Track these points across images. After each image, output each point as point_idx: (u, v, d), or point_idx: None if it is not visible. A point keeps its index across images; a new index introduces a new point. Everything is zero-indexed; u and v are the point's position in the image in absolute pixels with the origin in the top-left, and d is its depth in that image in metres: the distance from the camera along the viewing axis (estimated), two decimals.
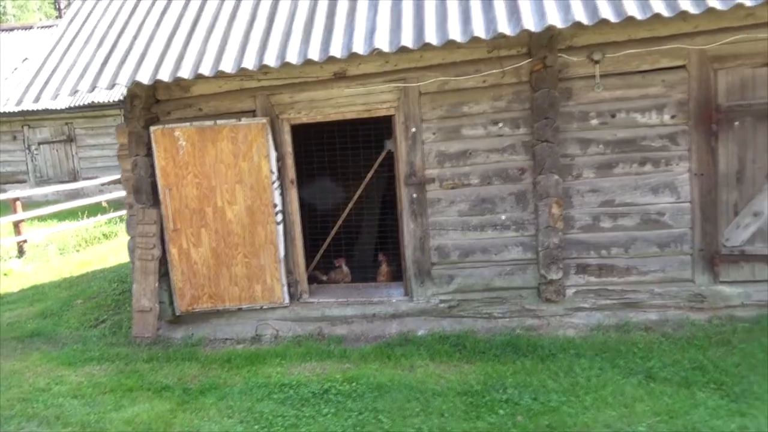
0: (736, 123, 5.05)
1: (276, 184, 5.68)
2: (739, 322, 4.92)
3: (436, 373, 4.55)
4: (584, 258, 5.38)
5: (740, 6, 4.42)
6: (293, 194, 5.85)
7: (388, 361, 4.85)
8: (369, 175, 6.33)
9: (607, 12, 4.56)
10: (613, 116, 5.23)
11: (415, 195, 5.58)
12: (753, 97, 5.01)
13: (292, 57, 5.04)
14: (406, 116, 5.54)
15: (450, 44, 4.77)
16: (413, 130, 5.53)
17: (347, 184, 6.93)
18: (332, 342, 5.45)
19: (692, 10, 4.47)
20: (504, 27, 4.68)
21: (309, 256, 6.75)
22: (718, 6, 4.46)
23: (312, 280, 6.37)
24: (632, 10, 4.53)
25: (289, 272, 5.87)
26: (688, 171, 5.16)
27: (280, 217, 5.75)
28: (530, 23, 4.65)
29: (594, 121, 5.27)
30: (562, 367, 4.42)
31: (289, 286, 5.87)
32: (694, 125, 5.11)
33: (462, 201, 5.53)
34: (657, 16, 4.47)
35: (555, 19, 4.62)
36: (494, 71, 5.36)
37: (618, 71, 5.17)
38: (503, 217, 5.47)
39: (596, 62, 5.14)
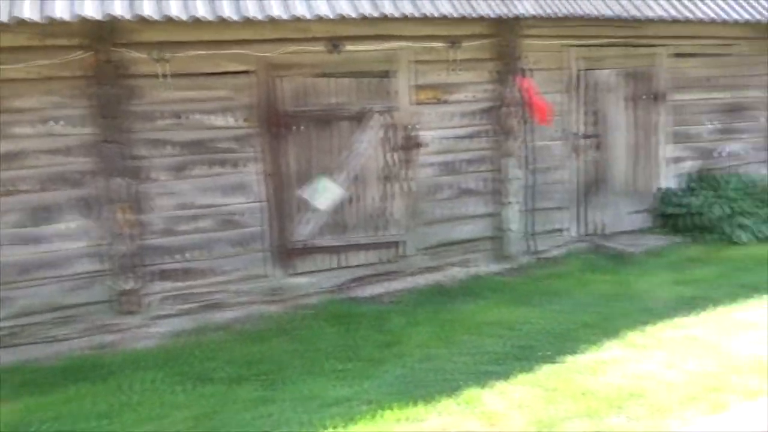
0: (299, 127, 5.49)
1: None
2: (308, 310, 5.37)
3: None
4: (165, 263, 5.19)
5: (299, 19, 4.81)
6: None
7: None
8: None
9: (175, 9, 4.45)
10: (185, 117, 5.15)
11: None
12: (311, 104, 5.51)
13: None
14: None
15: None
16: None
17: None
18: None
19: (258, 16, 4.69)
20: (59, 11, 4.15)
21: None
22: (283, 15, 4.75)
23: None
24: (201, 11, 4.52)
25: None
26: (259, 172, 5.40)
27: None
28: (91, 10, 4.23)
29: (166, 122, 5.11)
30: (121, 385, 4.12)
31: None
32: (263, 128, 5.38)
33: (16, 210, 4.77)
34: (224, 20, 4.56)
35: (120, 9, 4.30)
36: (49, 62, 4.74)
37: (188, 72, 5.09)
38: (70, 226, 4.90)
39: (161, 61, 4.96)
